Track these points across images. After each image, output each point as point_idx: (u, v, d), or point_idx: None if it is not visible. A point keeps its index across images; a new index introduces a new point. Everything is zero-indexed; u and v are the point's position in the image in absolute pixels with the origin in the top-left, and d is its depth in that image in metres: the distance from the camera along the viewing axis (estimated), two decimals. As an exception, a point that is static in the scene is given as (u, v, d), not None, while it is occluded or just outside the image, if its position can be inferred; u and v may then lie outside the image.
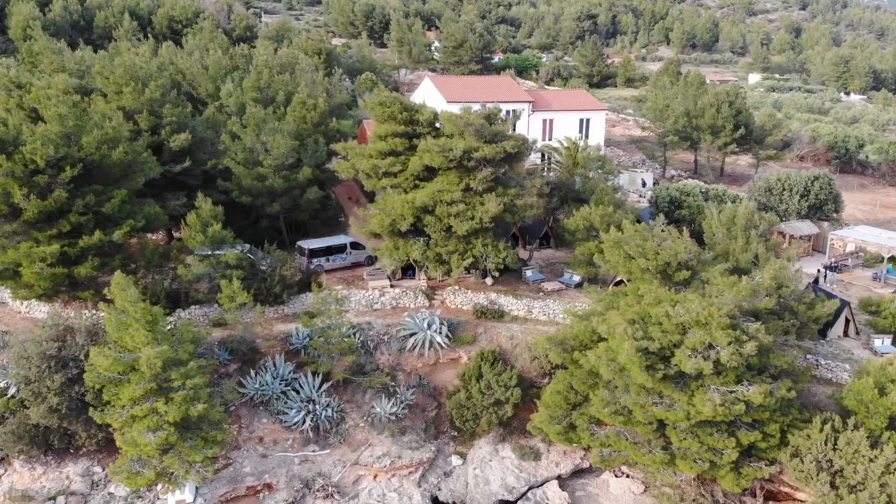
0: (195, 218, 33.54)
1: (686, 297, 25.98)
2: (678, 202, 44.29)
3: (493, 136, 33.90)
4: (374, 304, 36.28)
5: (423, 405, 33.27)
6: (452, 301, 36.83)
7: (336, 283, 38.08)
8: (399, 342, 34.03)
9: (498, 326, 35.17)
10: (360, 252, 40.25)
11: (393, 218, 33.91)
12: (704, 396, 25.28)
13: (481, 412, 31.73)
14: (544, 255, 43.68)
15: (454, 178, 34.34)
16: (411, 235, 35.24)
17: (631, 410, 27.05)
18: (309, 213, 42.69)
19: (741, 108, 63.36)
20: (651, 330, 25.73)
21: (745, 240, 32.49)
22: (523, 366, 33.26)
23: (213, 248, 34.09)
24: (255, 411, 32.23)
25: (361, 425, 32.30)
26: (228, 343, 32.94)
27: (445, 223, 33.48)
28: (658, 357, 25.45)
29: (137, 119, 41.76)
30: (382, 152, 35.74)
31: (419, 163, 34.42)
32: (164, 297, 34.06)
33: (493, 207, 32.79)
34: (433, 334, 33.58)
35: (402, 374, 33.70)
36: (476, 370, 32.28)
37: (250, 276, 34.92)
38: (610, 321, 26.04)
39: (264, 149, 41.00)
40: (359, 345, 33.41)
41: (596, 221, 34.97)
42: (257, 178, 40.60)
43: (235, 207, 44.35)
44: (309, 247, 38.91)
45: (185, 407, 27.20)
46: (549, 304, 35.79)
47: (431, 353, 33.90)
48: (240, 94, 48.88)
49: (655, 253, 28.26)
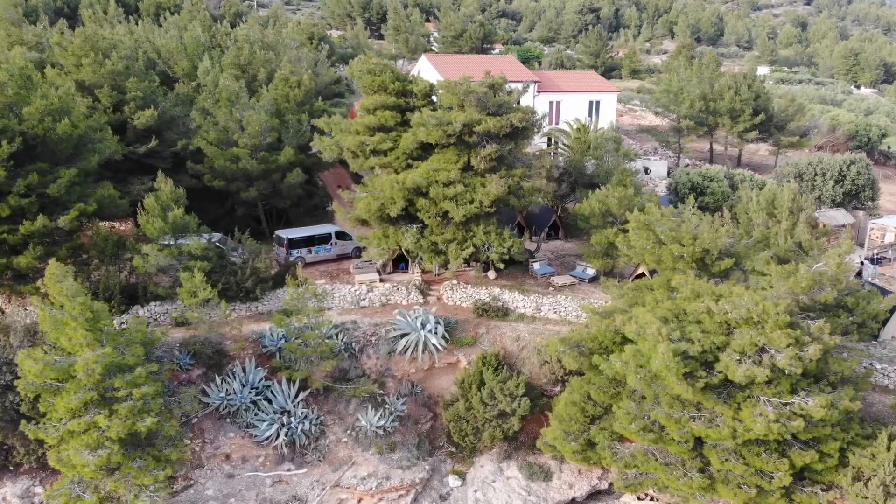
0: (154, 201, 29.08)
1: (732, 289, 21.55)
2: (701, 188, 39.86)
3: (497, 108, 29.49)
4: (361, 300, 31.84)
5: (415, 417, 28.83)
6: (450, 297, 32.40)
7: (319, 277, 33.64)
8: (388, 344, 29.59)
9: (502, 326, 30.76)
10: (346, 243, 35.81)
11: (381, 201, 29.47)
12: (754, 410, 20.87)
13: (483, 425, 27.29)
14: (552, 246, 39.26)
15: (452, 155, 29.93)
16: (403, 222, 30.80)
17: (663, 426, 22.65)
18: (291, 200, 38.24)
19: (760, 92, 58.93)
20: (689, 330, 21.30)
21: (789, 225, 28.09)
22: (531, 371, 28.83)
23: (175, 237, 29.62)
24: (220, 424, 27.81)
25: (344, 440, 27.86)
26: (190, 345, 28.51)
27: (441, 207, 29.04)
28: (698, 362, 21.02)
29: (98, 94, 37.41)
30: (371, 127, 31.31)
31: (413, 139, 30.00)
32: (118, 291, 29.64)
33: (495, 189, 28.36)
34: (427, 335, 29.15)
35: (391, 381, 29.26)
36: (477, 376, 27.85)
37: (218, 269, 30.49)
38: (639, 319, 21.61)
39: (239, 127, 36.59)
40: (341, 347, 29.00)
41: (614, 206, 30.55)
42: (231, 159, 36.21)
43: (210, 194, 40.02)
44: (288, 236, 34.46)
45: (132, 421, 23.01)
46: (560, 301, 31.37)
47: (426, 357, 29.46)
48: (218, 72, 44.41)
49: (692, 238, 23.82)
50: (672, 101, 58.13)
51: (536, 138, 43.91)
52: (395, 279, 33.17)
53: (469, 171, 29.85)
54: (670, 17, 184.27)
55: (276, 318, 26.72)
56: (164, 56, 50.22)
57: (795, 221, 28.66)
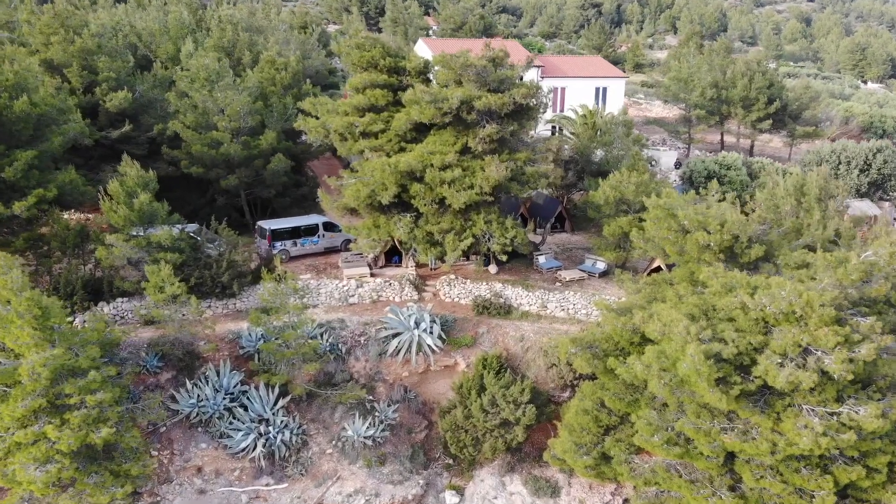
0: (118, 186, 26.26)
1: (769, 281, 18.72)
2: (718, 177, 37.03)
3: (498, 84, 26.68)
4: (350, 296, 29.02)
5: (408, 425, 26.02)
6: (447, 293, 29.60)
7: (304, 271, 30.83)
8: (379, 345, 26.78)
9: (504, 325, 27.96)
10: (335, 235, 32.98)
11: (371, 187, 26.66)
12: (797, 421, 18.06)
13: (483, 435, 24.49)
14: (558, 239, 36.45)
15: (449, 137, 27.14)
16: (395, 210, 27.99)
17: (689, 439, 19.84)
18: (275, 189, 35.41)
19: (773, 80, 56.13)
20: (721, 329, 18.48)
21: (821, 212, 25.27)
22: (537, 375, 26.04)
23: (143, 226, 26.82)
24: (191, 434, 25.02)
25: (329, 452, 25.05)
26: (159, 346, 25.72)
27: (438, 193, 26.22)
28: (732, 366, 18.21)
29: (67, 74, 34.65)
30: (360, 108, 28.50)
31: (405, 119, 27.18)
32: (80, 286, 26.82)
33: (495, 172, 25.55)
34: (422, 335, 26.35)
35: (382, 386, 26.45)
36: (476, 381, 25.05)
37: (191, 262, 27.70)
38: (663, 317, 18.80)
39: (219, 109, 33.77)
40: (326, 348, 26.19)
41: (629, 192, 27.73)
42: (210, 144, 33.40)
43: (189, 183, 37.26)
44: (270, 227, 31.64)
45: (85, 431, 20.34)
46: (568, 297, 28.57)
47: (420, 359, 26.66)
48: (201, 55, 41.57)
49: (720, 224, 20.98)
50: (682, 88, 55.29)
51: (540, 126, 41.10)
52: (387, 274, 30.37)
53: (468, 154, 27.06)
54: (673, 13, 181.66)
55: (252, 316, 23.91)
56: (145, 40, 47.42)
57: (825, 209, 25.83)
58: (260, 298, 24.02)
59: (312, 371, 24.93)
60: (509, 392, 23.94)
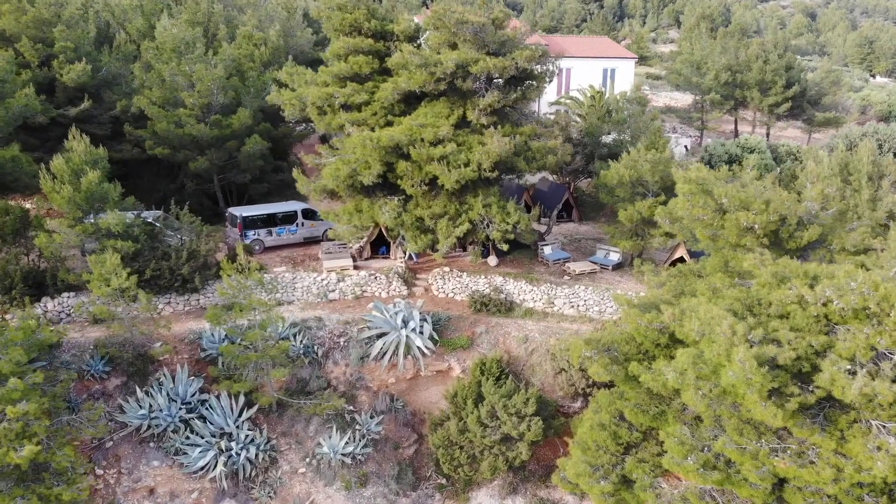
0: (63, 164, 22.78)
1: (834, 269, 15.25)
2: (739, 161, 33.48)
3: (499, 46, 23.21)
4: (330, 291, 25.53)
5: (395, 439, 22.55)
6: (441, 288, 26.12)
7: (280, 263, 27.35)
8: (361, 347, 23.29)
9: (505, 324, 24.49)
10: (317, 224, 29.47)
11: (353, 166, 23.16)
12: (867, 441, 14.59)
13: (481, 452, 21.00)
14: (565, 229, 32.96)
15: (443, 108, 23.70)
16: (380, 193, 24.52)
17: (730, 461, 16.37)
18: (251, 173, 31.93)
19: (791, 63, 52.65)
20: (773, 328, 15.00)
21: (871, 192, 21.83)
22: (544, 382, 22.57)
23: (92, 210, 23.36)
24: (142, 450, 21.56)
25: (302, 471, 21.58)
26: (105, 348, 22.25)
27: (428, 172, 22.71)
28: (789, 374, 14.72)
29: (20, 48, 31.17)
30: (341, 77, 25.05)
31: (393, 89, 23.70)
32: (20, 279, 23.33)
33: (497, 147, 22.06)
34: (410, 335, 22.88)
35: (364, 395, 22.97)
36: (473, 389, 21.57)
37: (147, 252, 24.22)
38: (701, 313, 15.29)
39: (188, 84, 30.29)
40: (299, 351, 22.73)
41: (647, 172, 24.25)
42: (177, 122, 29.93)
43: (159, 168, 33.94)
44: (242, 214, 28.14)
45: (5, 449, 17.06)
46: (578, 292, 25.09)
47: (408, 363, 23.19)
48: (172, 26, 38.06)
49: (764, 203, 17.50)
50: (694, 72, 51.75)
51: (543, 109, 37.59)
52: (372, 266, 26.88)
53: (465, 126, 23.59)
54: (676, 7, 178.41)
55: (210, 313, 20.40)
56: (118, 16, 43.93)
57: (877, 189, 22.42)
58: (218, 292, 20.53)
59: (282, 377, 21.45)
60: (511, 402, 20.45)
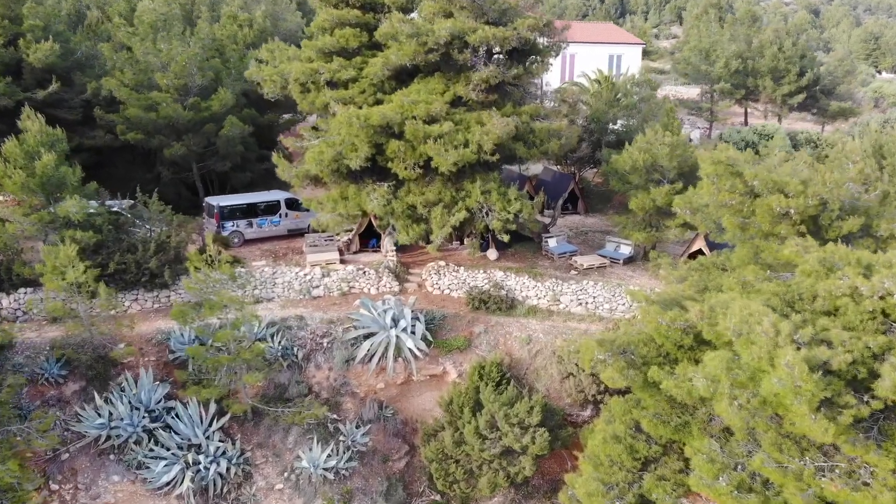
0: (15, 146, 20.53)
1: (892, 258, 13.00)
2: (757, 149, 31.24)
3: (499, 15, 20.94)
4: (314, 287, 23.25)
5: (383, 451, 20.28)
6: (435, 284, 23.87)
7: (260, 257, 25.09)
8: (346, 348, 21.02)
9: (506, 323, 22.23)
10: (302, 214, 27.18)
11: (338, 148, 20.89)
12: (934, 461, 12.33)
13: (480, 467, 18.73)
14: (570, 222, 30.71)
15: (437, 84, 21.44)
16: (368, 178, 22.25)
17: (769, 481, 14.12)
18: (231, 160, 29.65)
19: (805, 51, 50.39)
20: (822, 326, 12.75)
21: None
22: (549, 388, 20.31)
23: (49, 196, 21.11)
24: (101, 463, 19.31)
25: (279, 487, 19.31)
26: (62, 348, 19.99)
27: (421, 153, 20.44)
28: (843, 381, 12.46)
29: (-17, 26, 28.91)
30: (326, 51, 22.80)
31: (382, 64, 21.44)
32: (-30, 274, 21.12)
33: (497, 127, 19.79)
34: (401, 336, 20.60)
35: (349, 401, 20.69)
36: (471, 395, 19.30)
37: (112, 244, 21.97)
38: (738, 309, 13.01)
39: (162, 64, 28.06)
40: (277, 353, 20.45)
41: (663, 156, 21.98)
42: (151, 105, 27.67)
43: (134, 155, 31.67)
44: (219, 204, 25.88)
45: (-65, 466, 14.76)
46: (586, 288, 22.82)
47: (399, 367, 20.92)
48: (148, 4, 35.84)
49: (802, 185, 15.25)
50: (703, 60, 49.43)
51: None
52: (361, 260, 24.62)
53: (461, 105, 21.34)
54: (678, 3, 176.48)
55: (174, 311, 18.14)
56: (97, 0, 41.68)
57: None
58: (185, 287, 18.28)
59: (257, 383, 19.17)
60: (513, 411, 18.18)
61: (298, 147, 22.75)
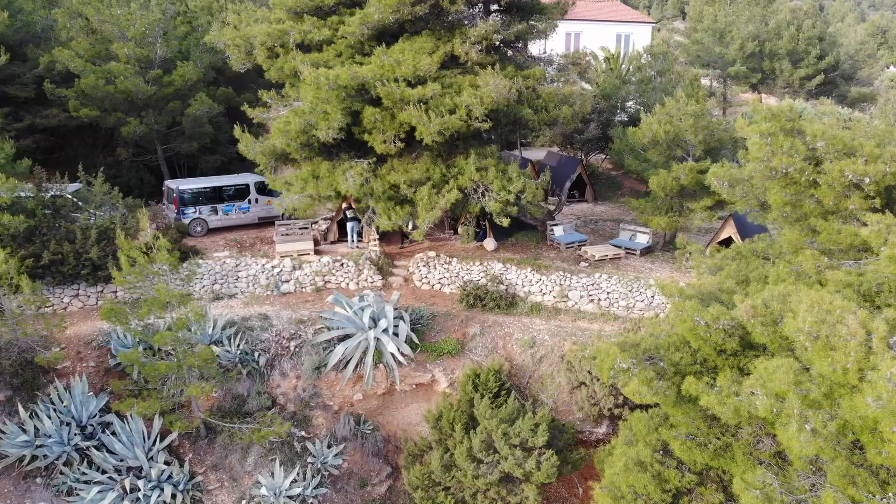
0: (-72, 116, 17.46)
1: None
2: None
3: (496, -38, 17.83)
4: (283, 282, 20.14)
5: (361, 474, 17.17)
6: (424, 277, 20.76)
7: (223, 247, 21.98)
8: (318, 353, 17.90)
9: (506, 323, 19.12)
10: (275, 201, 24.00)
11: (307, 118, 17.76)
12: None
13: (474, 496, 15.58)
14: (578, 210, 27.61)
15: (426, 43, 18.32)
16: (345, 154, 19.12)
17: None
18: (199, 141, 26.57)
19: (823, 34, 47.43)
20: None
21: None
22: (557, 400, 17.21)
23: (-28, 177, 18.02)
24: (26, 486, 16.20)
25: (235, 519, 16.22)
26: (-21, 354, 16.89)
27: (403, 122, 17.31)
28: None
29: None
30: (296, 10, 19.67)
31: (361, 21, 18.33)
32: None
33: (494, 88, 16.67)
34: (382, 338, 17.49)
35: (320, 415, 17.57)
36: (464, 409, 16.19)
37: (47, 231, 18.88)
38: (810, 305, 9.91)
39: (121, 32, 24.98)
40: (235, 359, 17.35)
41: (687, 128, 18.86)
42: (107, 78, 24.59)
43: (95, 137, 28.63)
44: (179, 187, 22.78)
45: None
46: (599, 283, 19.70)
47: (380, 375, 17.80)
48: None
49: (877, 147, 12.15)
50: (716, 42, 46.33)
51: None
52: (339, 251, 21.51)
53: (454, 66, 18.24)
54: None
55: (104, 310, 15.04)
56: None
57: None
58: (116, 280, 15.15)
59: (203, 395, 16.05)
60: (514, 429, 15.06)
61: (263, 118, 19.62)
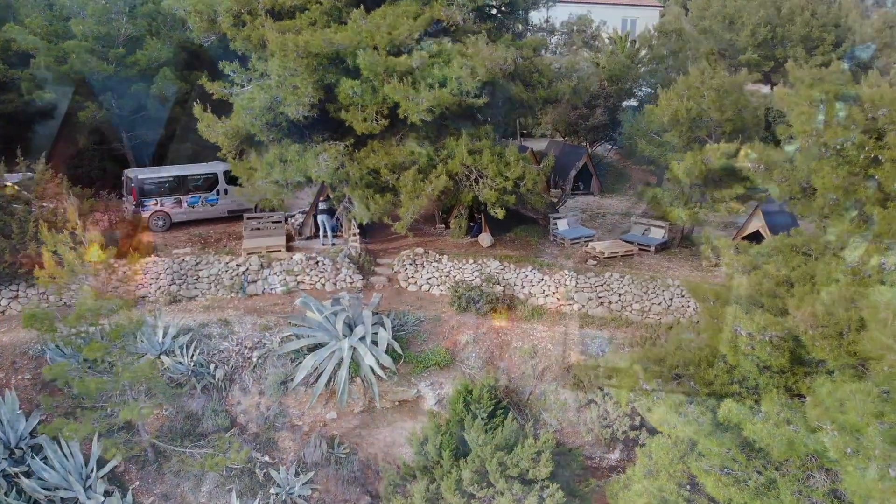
0: None
1: None
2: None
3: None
4: (249, 283, 17.75)
5: (335, 506, 14.79)
6: (411, 277, 18.36)
7: (185, 242, 19.58)
8: (283, 365, 15.50)
9: (503, 329, 16.71)
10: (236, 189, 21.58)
11: (274, 93, 15.36)
12: None
13: (465, 535, 13.19)
14: (583, 203, 25.21)
15: (409, 6, 15.91)
16: (318, 135, 16.71)
17: None
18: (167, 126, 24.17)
19: (838, 20, 45.01)
20: None
21: None
22: (562, 420, 14.81)
23: None
24: (-61, 526, 13.80)
25: (185, 561, 13.84)
26: None
27: (385, 96, 14.91)
28: None
29: None
30: (267, -27, 17.24)
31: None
32: None
33: (488, 56, 14.26)
34: (359, 347, 15.09)
35: (287, 438, 15.18)
36: (453, 433, 13.79)
37: (-23, 224, 16.53)
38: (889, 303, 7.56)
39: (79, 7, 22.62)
40: (188, 371, 14.96)
41: (711, 104, 16.48)
42: (63, 58, 22.23)
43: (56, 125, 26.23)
44: (139, 177, 20.39)
45: None
46: (610, 283, 17.29)
47: (356, 390, 15.40)
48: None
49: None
50: (726, 28, 43.82)
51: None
52: (314, 248, 19.12)
53: (440, 33, 15.84)
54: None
55: (26, 316, 12.68)
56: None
57: None
58: (39, 280, 12.78)
59: (142, 418, 13.63)
60: (512, 457, 12.66)
61: (224, 93, 17.22)
